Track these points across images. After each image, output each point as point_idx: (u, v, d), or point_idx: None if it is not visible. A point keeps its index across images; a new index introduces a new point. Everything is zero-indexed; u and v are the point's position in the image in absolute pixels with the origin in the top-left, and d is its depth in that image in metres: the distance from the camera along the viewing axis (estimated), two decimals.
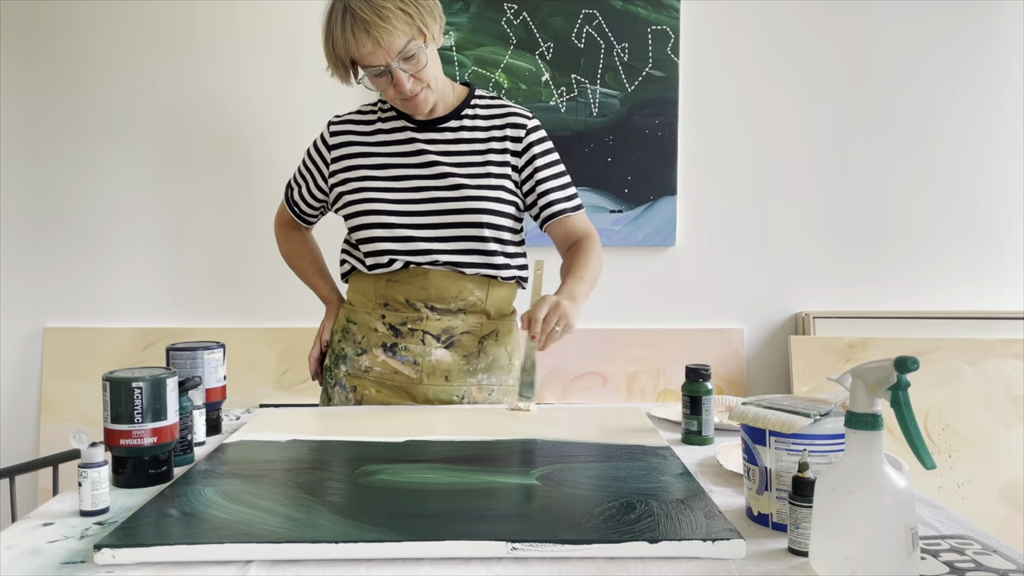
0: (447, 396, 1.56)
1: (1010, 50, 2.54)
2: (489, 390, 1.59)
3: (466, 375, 1.57)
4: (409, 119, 1.58)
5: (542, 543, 0.84)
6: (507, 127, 1.58)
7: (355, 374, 1.60)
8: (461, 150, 1.56)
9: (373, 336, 1.58)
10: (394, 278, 1.56)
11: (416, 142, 1.57)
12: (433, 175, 1.54)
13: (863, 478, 0.78)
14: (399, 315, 1.56)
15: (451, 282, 1.54)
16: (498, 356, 1.60)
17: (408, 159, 1.56)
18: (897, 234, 2.59)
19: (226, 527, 0.89)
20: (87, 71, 2.55)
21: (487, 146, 1.57)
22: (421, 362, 1.55)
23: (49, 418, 2.53)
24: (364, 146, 1.60)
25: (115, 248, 2.59)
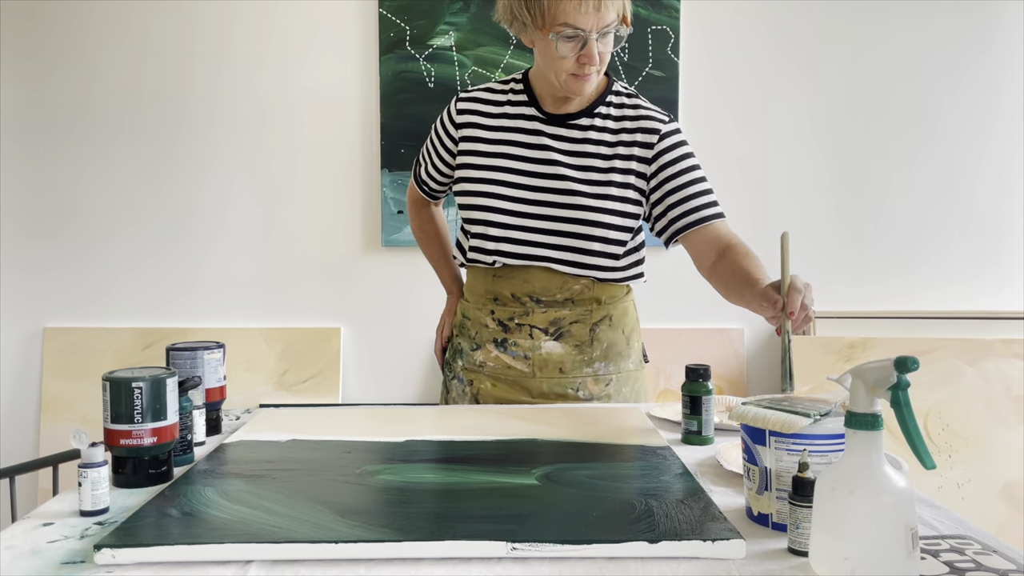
0: (562, 389, 1.53)
1: (1010, 50, 2.54)
2: (607, 380, 1.55)
3: (581, 365, 1.53)
4: (540, 109, 1.52)
5: (542, 543, 0.84)
6: (638, 132, 1.50)
7: (471, 368, 1.59)
8: (586, 151, 1.49)
9: (485, 331, 1.57)
10: (499, 273, 1.53)
11: (542, 135, 1.51)
12: (551, 175, 1.49)
13: (863, 478, 0.78)
14: (507, 310, 1.54)
15: (554, 276, 1.51)
16: (614, 341, 1.56)
17: (530, 152, 1.50)
18: (897, 234, 2.59)
19: (226, 527, 0.89)
20: (87, 71, 2.55)
21: (614, 151, 1.50)
22: (532, 356, 1.53)
23: (49, 418, 2.53)
24: (488, 131, 1.54)
25: (115, 248, 2.59)
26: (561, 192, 1.48)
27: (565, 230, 1.48)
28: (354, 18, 2.54)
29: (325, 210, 2.60)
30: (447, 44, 2.50)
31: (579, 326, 1.53)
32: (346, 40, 2.56)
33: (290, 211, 2.61)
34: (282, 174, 2.60)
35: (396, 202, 2.58)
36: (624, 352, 1.58)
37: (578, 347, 1.53)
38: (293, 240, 2.61)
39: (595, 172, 1.49)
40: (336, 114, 2.58)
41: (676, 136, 1.52)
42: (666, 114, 1.54)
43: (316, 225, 2.62)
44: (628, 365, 1.59)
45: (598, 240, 1.48)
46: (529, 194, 1.49)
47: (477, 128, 1.55)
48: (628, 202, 1.50)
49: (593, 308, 1.54)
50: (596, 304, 1.54)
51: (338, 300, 2.62)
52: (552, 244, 1.49)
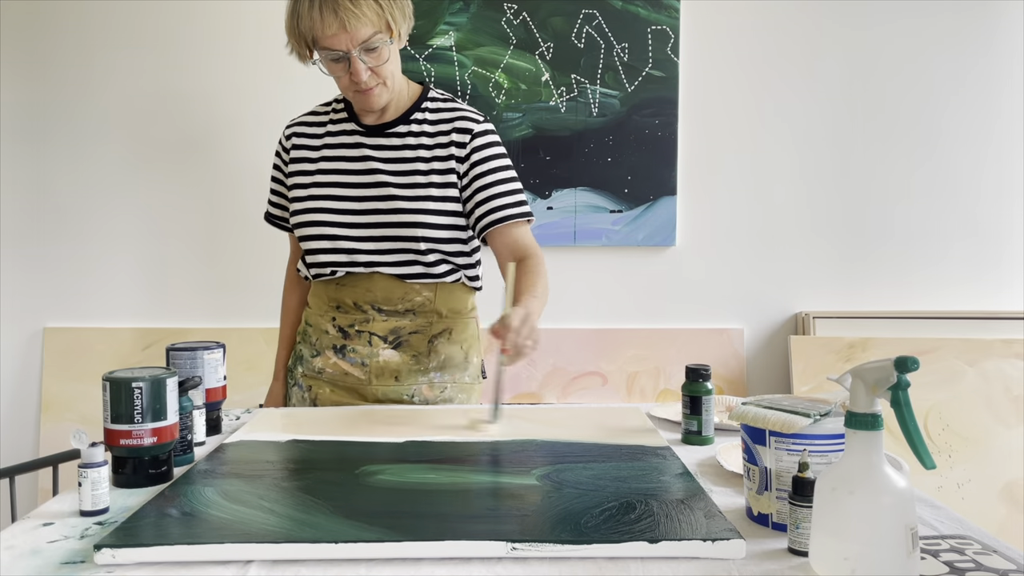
0: (396, 395, 1.55)
1: (1010, 51, 2.54)
2: (441, 387, 1.57)
3: (416, 374, 1.55)
4: (358, 123, 1.56)
5: (542, 543, 0.84)
6: (453, 132, 1.53)
7: (310, 375, 1.61)
8: (405, 157, 1.53)
9: (325, 338, 1.59)
10: (341, 282, 1.56)
11: (363, 147, 1.55)
12: (373, 184, 1.52)
13: (863, 478, 0.78)
14: (348, 317, 1.56)
15: (396, 285, 1.54)
16: (452, 354, 1.58)
17: (352, 165, 1.55)
18: (897, 234, 2.59)
19: (226, 527, 0.89)
20: (87, 71, 2.55)
21: (432, 153, 1.53)
22: (369, 363, 1.55)
23: (49, 418, 2.53)
24: (314, 150, 1.59)
25: (115, 248, 2.59)
26: (383, 199, 1.51)
27: (391, 235, 1.51)
28: None
29: None
30: (447, 44, 2.50)
31: (418, 337, 1.55)
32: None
33: None
34: None
35: None
36: (461, 365, 1.60)
37: (415, 357, 1.55)
38: None
39: (416, 176, 1.52)
40: None
41: (488, 136, 1.55)
42: (481, 115, 1.57)
43: None
44: (464, 377, 1.60)
45: (424, 240, 1.50)
46: (355, 204, 1.53)
47: (303, 149, 1.60)
48: (451, 201, 1.52)
49: (433, 320, 1.56)
50: (437, 317, 1.56)
51: None
52: (382, 250, 1.52)
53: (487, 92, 2.49)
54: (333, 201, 1.54)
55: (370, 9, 1.39)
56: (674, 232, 2.54)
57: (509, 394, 2.51)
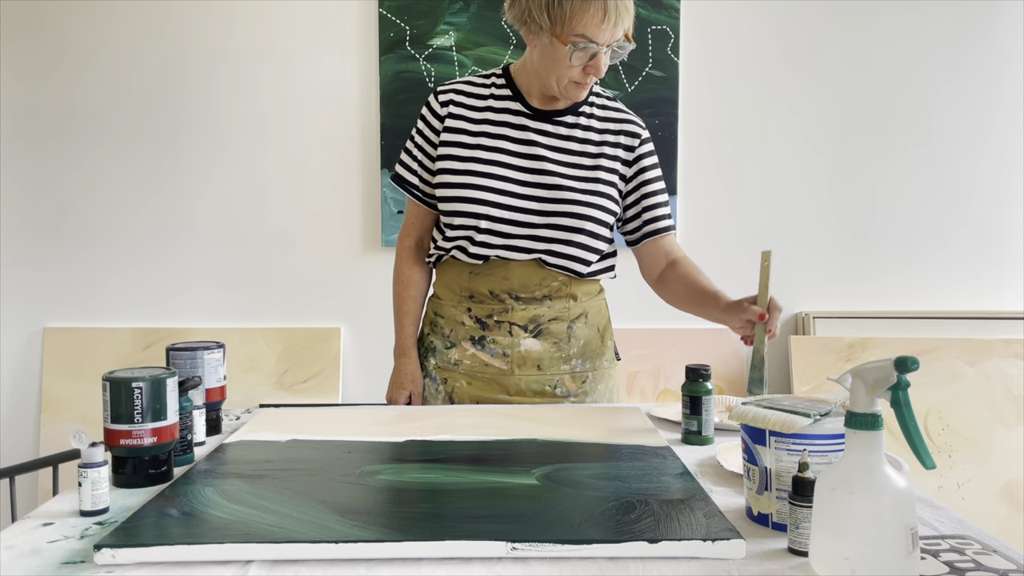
0: (539, 386, 1.54)
1: (1010, 50, 2.54)
2: (583, 377, 1.56)
3: (559, 362, 1.54)
4: (525, 104, 1.53)
5: (542, 543, 0.84)
6: (622, 134, 1.54)
7: (445, 367, 1.58)
8: (572, 149, 1.51)
9: (461, 329, 1.56)
10: (476, 270, 1.53)
11: (528, 131, 1.51)
12: (540, 170, 1.50)
13: (863, 478, 0.78)
14: (485, 307, 1.54)
15: (534, 271, 1.51)
16: (590, 338, 1.57)
17: (517, 147, 1.51)
18: (897, 234, 2.59)
19: (226, 527, 0.89)
20: (87, 71, 2.55)
21: (600, 149, 1.52)
22: (511, 353, 1.53)
23: (49, 418, 2.53)
24: (472, 123, 1.53)
25: (115, 248, 2.59)
26: (551, 187, 1.49)
27: (555, 223, 1.49)
28: (354, 18, 2.54)
29: (325, 210, 2.60)
30: (447, 44, 2.50)
31: (557, 323, 1.54)
32: (346, 40, 2.56)
33: (290, 211, 2.61)
34: (282, 174, 2.60)
35: (396, 202, 2.58)
36: (599, 349, 1.59)
37: (556, 344, 1.54)
38: (293, 240, 2.61)
39: (583, 169, 1.51)
40: (336, 114, 2.58)
41: (651, 144, 1.58)
42: (641, 120, 1.59)
43: (316, 225, 2.62)
44: (603, 363, 1.60)
45: (586, 234, 1.50)
46: (518, 188, 1.50)
47: (460, 120, 1.54)
48: (611, 199, 1.53)
49: (570, 305, 1.55)
50: (572, 301, 1.55)
51: (338, 300, 2.62)
52: (541, 237, 1.50)
53: None
54: (496, 180, 1.50)
55: (629, 12, 1.39)
56: None
57: None
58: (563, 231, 1.49)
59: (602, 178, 1.51)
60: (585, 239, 1.50)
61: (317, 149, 2.59)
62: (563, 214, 1.49)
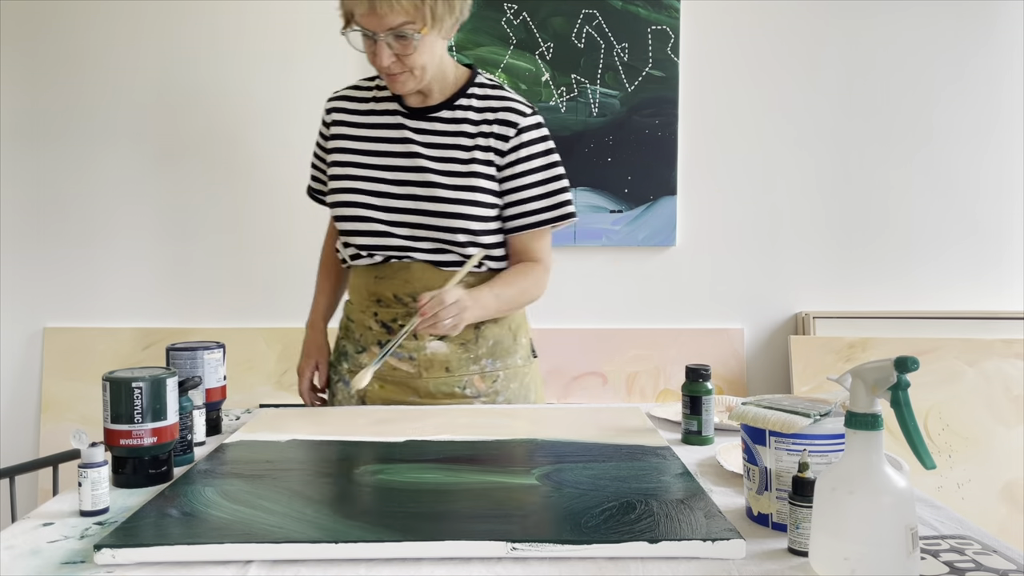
0: (449, 388, 1.53)
1: (1010, 49, 2.54)
2: (493, 376, 1.55)
3: (468, 363, 1.53)
4: (402, 103, 1.54)
5: (542, 543, 0.84)
6: (496, 123, 1.50)
7: (356, 370, 1.58)
8: (447, 143, 1.50)
9: (369, 334, 1.56)
10: (380, 273, 1.54)
11: (404, 129, 1.52)
12: (412, 168, 1.50)
13: (863, 478, 0.78)
14: (390, 311, 1.54)
15: (435, 274, 1.50)
16: (500, 338, 1.56)
17: (393, 147, 1.52)
18: (897, 234, 2.59)
19: (226, 527, 0.89)
20: (87, 70, 2.55)
21: (475, 142, 1.50)
22: (417, 357, 1.52)
23: (49, 418, 2.53)
24: (355, 127, 1.56)
25: (115, 248, 2.59)
26: (422, 184, 1.49)
27: (427, 223, 1.49)
28: None
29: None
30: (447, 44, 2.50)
31: None
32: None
33: (290, 211, 2.60)
34: (282, 174, 2.60)
35: None
36: (511, 348, 1.57)
37: (463, 345, 1.53)
38: (293, 240, 2.61)
39: (456, 164, 1.49)
40: None
41: (535, 131, 1.52)
42: (529, 106, 1.53)
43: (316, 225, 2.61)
44: (516, 360, 1.58)
45: (461, 232, 1.48)
46: (392, 187, 1.51)
47: (344, 125, 1.57)
48: (487, 193, 1.50)
49: None
50: None
51: None
52: (416, 236, 1.50)
53: None
54: (370, 183, 1.51)
55: None
56: (674, 232, 2.54)
57: None
58: (439, 230, 1.49)
59: (476, 171, 1.49)
60: (463, 236, 1.49)
61: None
62: (435, 213, 1.48)
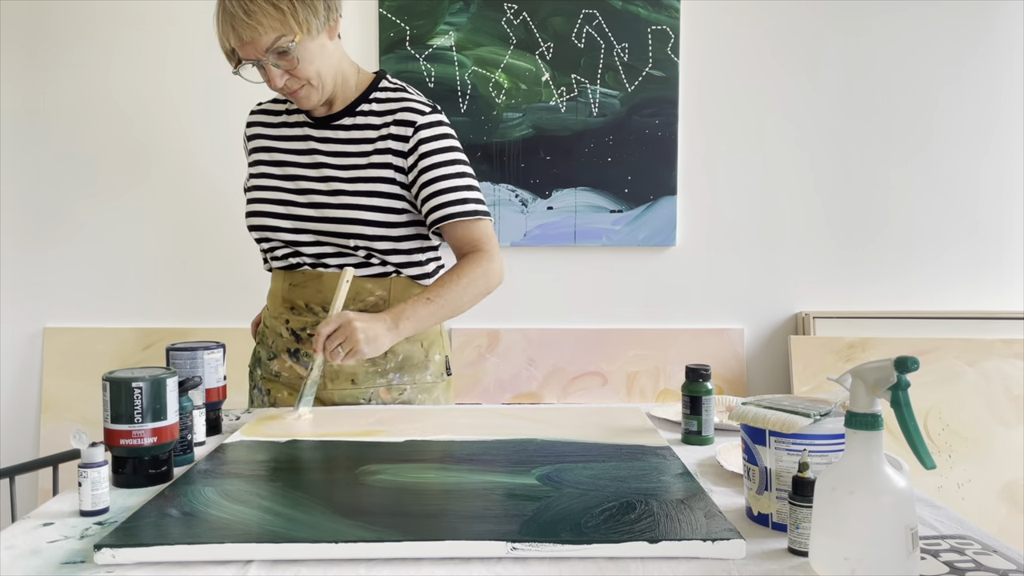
0: (354, 399, 1.53)
1: (1010, 49, 2.54)
2: (400, 389, 1.55)
3: (374, 376, 1.53)
4: (308, 115, 1.55)
5: (542, 543, 0.84)
6: (393, 124, 1.49)
7: (268, 378, 1.60)
8: (348, 151, 1.51)
9: (280, 341, 1.57)
10: (293, 280, 1.54)
11: (310, 140, 1.53)
12: (317, 177, 1.51)
13: (863, 478, 0.78)
14: (300, 319, 1.53)
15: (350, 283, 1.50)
16: (410, 353, 1.55)
17: (300, 157, 1.53)
18: (897, 234, 2.59)
19: (226, 527, 0.89)
20: (87, 70, 2.55)
21: (374, 146, 1.50)
22: (324, 367, 1.50)
23: (49, 418, 2.53)
24: (269, 140, 1.58)
25: (115, 248, 2.59)
26: (327, 192, 1.50)
27: (335, 230, 1.49)
28: (354, 18, 2.54)
29: None
30: (447, 44, 2.50)
31: None
32: (346, 40, 2.54)
33: None
34: None
35: None
36: (421, 364, 1.57)
37: (371, 359, 1.51)
38: None
39: (359, 169, 1.50)
40: None
41: (435, 128, 1.50)
42: (428, 105, 1.52)
43: None
44: (425, 376, 1.57)
45: (353, 237, 1.48)
46: (300, 197, 1.51)
47: (261, 139, 1.59)
48: (390, 197, 1.48)
49: None
50: None
51: None
52: (328, 243, 1.50)
53: (487, 92, 2.49)
54: (277, 192, 1.53)
55: (266, 16, 1.35)
56: (674, 232, 2.54)
57: (509, 394, 2.51)
58: (343, 237, 1.48)
59: (377, 175, 1.49)
60: (354, 242, 1.48)
61: None
62: (344, 220, 1.48)
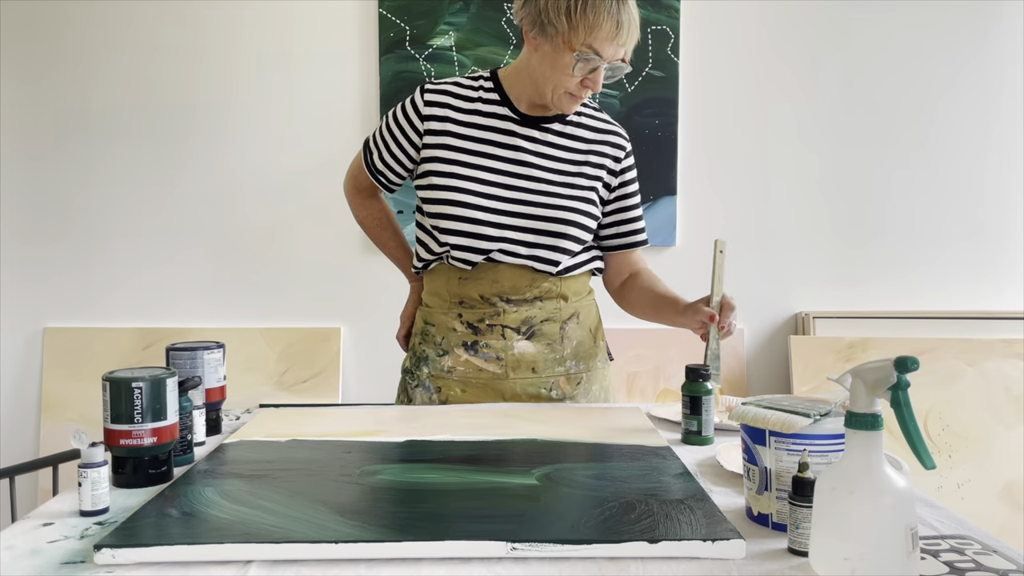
0: (535, 390, 1.53)
1: (1010, 50, 2.54)
2: (578, 379, 1.56)
3: (553, 364, 1.54)
4: (513, 109, 1.52)
5: (542, 543, 0.84)
6: (608, 145, 1.56)
7: (438, 375, 1.58)
8: (558, 156, 1.52)
9: (453, 336, 1.56)
10: (465, 275, 1.53)
11: (515, 136, 1.51)
12: (525, 175, 1.50)
13: (863, 478, 0.78)
14: (476, 312, 1.53)
15: (523, 273, 1.52)
16: (582, 339, 1.57)
17: (502, 151, 1.51)
18: (897, 234, 2.59)
19: (226, 527, 0.89)
20: (87, 71, 2.55)
21: (585, 158, 1.54)
22: (504, 357, 1.52)
23: (49, 418, 2.53)
24: (460, 125, 1.52)
25: (115, 248, 2.59)
26: (535, 192, 1.50)
27: (539, 228, 1.50)
28: (354, 18, 2.54)
29: (325, 210, 2.60)
30: (447, 44, 2.50)
31: (550, 324, 1.54)
32: (346, 40, 2.56)
33: (290, 211, 2.61)
34: (282, 174, 2.60)
35: (396, 203, 2.58)
36: (592, 350, 1.60)
37: (550, 345, 1.54)
38: (293, 240, 2.61)
39: (567, 174, 1.52)
40: (336, 114, 2.58)
41: (632, 158, 1.62)
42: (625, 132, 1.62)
43: (316, 225, 2.62)
44: (596, 363, 1.60)
45: (569, 239, 1.51)
46: (504, 192, 1.50)
47: (447, 122, 1.52)
48: (593, 205, 1.55)
49: (561, 306, 1.55)
50: (563, 301, 1.55)
51: (338, 300, 2.62)
52: (526, 242, 1.50)
53: None
54: (480, 185, 1.49)
55: (638, 33, 1.43)
56: (674, 232, 2.54)
57: None
58: (547, 236, 1.50)
59: (585, 185, 1.53)
60: (568, 243, 1.52)
61: (317, 149, 2.59)
62: (547, 219, 1.50)
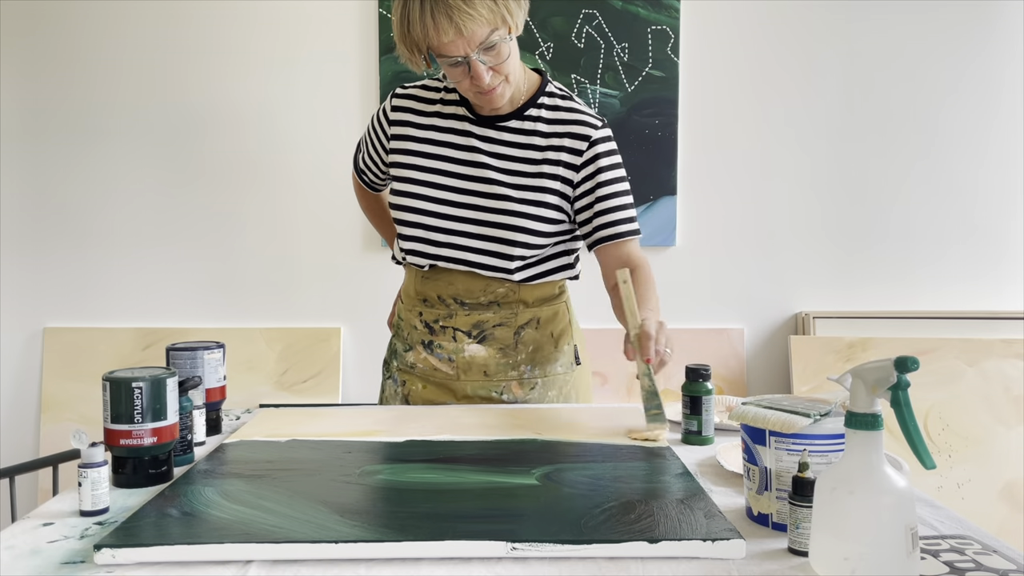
0: (486, 392, 1.53)
1: (1010, 50, 2.54)
2: (532, 383, 1.54)
3: (506, 368, 1.53)
4: (470, 110, 1.50)
5: (542, 543, 0.84)
6: (568, 137, 1.48)
7: (404, 369, 1.60)
8: (515, 155, 1.48)
9: (415, 333, 1.57)
10: (427, 275, 1.54)
11: (471, 137, 1.49)
12: (479, 178, 1.48)
13: (863, 478, 0.78)
14: (433, 312, 1.54)
15: (477, 278, 1.50)
16: (541, 344, 1.54)
17: (458, 153, 1.49)
18: (897, 234, 2.59)
19: (226, 527, 0.89)
20: (87, 71, 2.55)
21: (543, 155, 1.48)
22: (456, 359, 1.52)
23: (49, 418, 2.53)
24: (420, 129, 1.53)
25: (115, 248, 2.59)
26: (488, 196, 1.48)
27: (490, 234, 1.47)
28: (354, 18, 2.54)
29: (325, 210, 2.60)
30: None
31: (503, 329, 1.52)
32: (346, 40, 2.56)
33: (290, 211, 2.61)
34: (282, 174, 2.60)
35: None
36: (551, 356, 1.56)
37: (502, 350, 1.52)
38: (293, 240, 2.61)
39: (524, 176, 1.48)
40: (336, 114, 2.57)
41: (607, 144, 1.50)
42: (599, 119, 1.51)
43: (316, 225, 2.62)
44: (556, 368, 1.56)
45: (520, 245, 1.47)
46: (456, 196, 1.49)
47: (409, 127, 1.54)
48: (551, 207, 1.48)
49: (518, 311, 1.52)
50: (522, 306, 1.52)
51: (338, 300, 2.62)
52: (475, 248, 1.48)
53: None
54: (436, 189, 1.49)
55: (484, 7, 1.31)
56: (674, 232, 2.54)
57: None
58: (499, 243, 1.47)
59: (544, 186, 1.47)
60: (519, 250, 1.47)
61: (317, 149, 2.59)
62: (496, 224, 1.47)
